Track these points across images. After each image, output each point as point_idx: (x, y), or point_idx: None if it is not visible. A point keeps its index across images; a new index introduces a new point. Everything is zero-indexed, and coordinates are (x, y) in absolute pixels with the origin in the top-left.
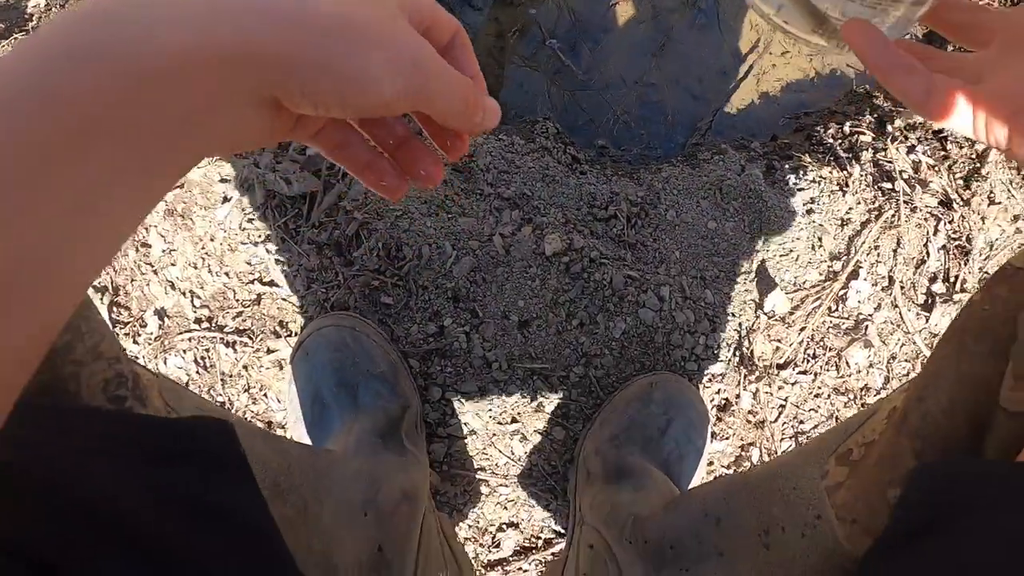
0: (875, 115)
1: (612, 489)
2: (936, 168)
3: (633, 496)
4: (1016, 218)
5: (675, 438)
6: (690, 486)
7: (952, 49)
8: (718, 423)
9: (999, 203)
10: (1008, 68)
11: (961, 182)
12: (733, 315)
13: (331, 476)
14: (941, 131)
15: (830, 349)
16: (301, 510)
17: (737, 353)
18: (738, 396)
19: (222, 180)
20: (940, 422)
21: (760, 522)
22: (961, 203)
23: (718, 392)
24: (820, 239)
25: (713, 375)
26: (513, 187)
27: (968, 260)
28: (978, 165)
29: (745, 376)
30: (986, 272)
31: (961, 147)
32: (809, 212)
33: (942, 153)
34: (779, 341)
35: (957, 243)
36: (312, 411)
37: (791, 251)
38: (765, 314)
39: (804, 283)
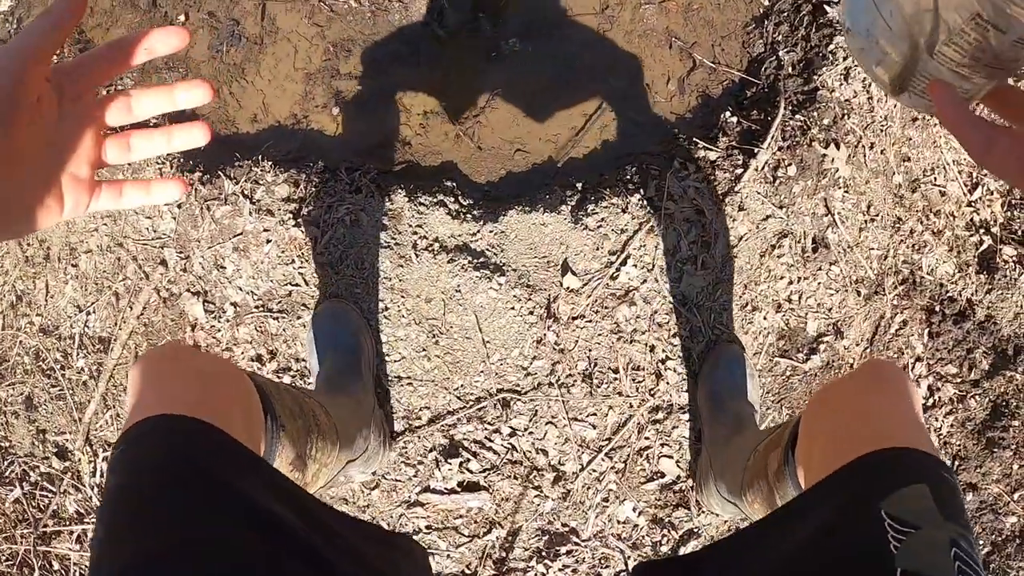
0: (671, 154)
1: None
2: (700, 189)
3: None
4: (767, 217)
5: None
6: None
7: None
8: (537, 348)
9: (746, 210)
10: None
11: (719, 196)
12: (545, 289)
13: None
14: (715, 162)
15: (606, 307)
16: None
17: (547, 310)
18: (545, 335)
19: (266, 230)
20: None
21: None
22: (716, 211)
23: (534, 333)
24: (603, 243)
25: (532, 323)
26: (425, 228)
27: (710, 249)
28: (734, 185)
29: (551, 324)
30: (733, 256)
31: (725, 172)
32: (599, 227)
33: (711, 177)
34: (574, 304)
35: (703, 239)
36: (318, 346)
37: (582, 251)
38: (564, 288)
39: (591, 269)
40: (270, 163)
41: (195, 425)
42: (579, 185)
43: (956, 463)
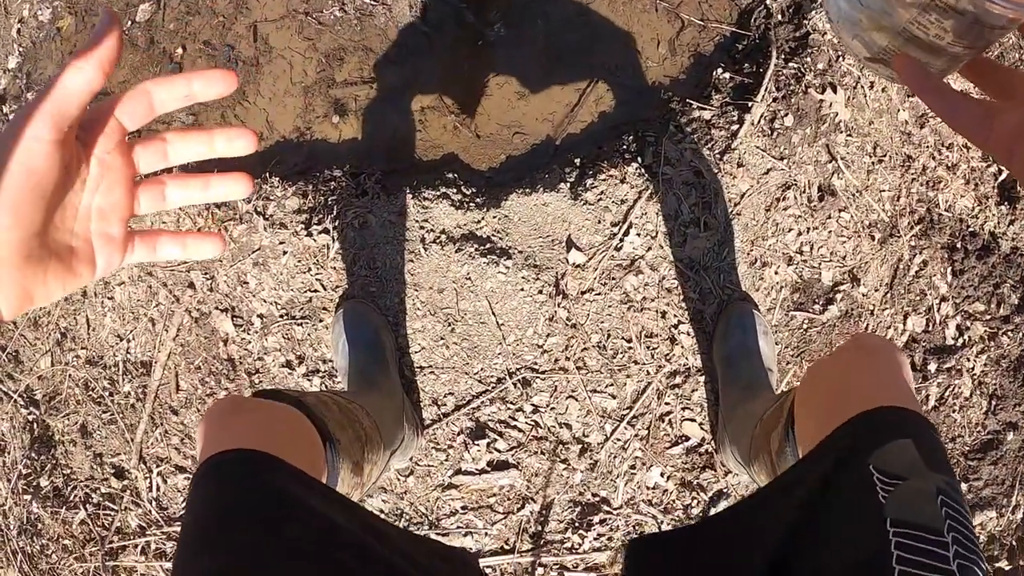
0: (665, 119)
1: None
2: (697, 151)
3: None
4: (768, 171)
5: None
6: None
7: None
8: (550, 325)
9: (745, 165)
10: (1018, 111)
11: (717, 155)
12: (552, 268)
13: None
14: (710, 121)
15: (613, 279)
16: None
17: (555, 288)
18: (557, 312)
19: (281, 243)
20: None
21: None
22: (715, 171)
23: (545, 311)
24: (604, 216)
25: (542, 302)
26: (431, 222)
27: (712, 210)
28: (731, 142)
29: (560, 301)
30: (737, 214)
31: (720, 130)
32: (598, 200)
33: (707, 137)
34: (582, 279)
35: (704, 200)
36: (341, 346)
37: (584, 226)
38: (570, 265)
39: (594, 243)
40: (278, 179)
41: (261, 456)
42: (577, 161)
43: (993, 403)
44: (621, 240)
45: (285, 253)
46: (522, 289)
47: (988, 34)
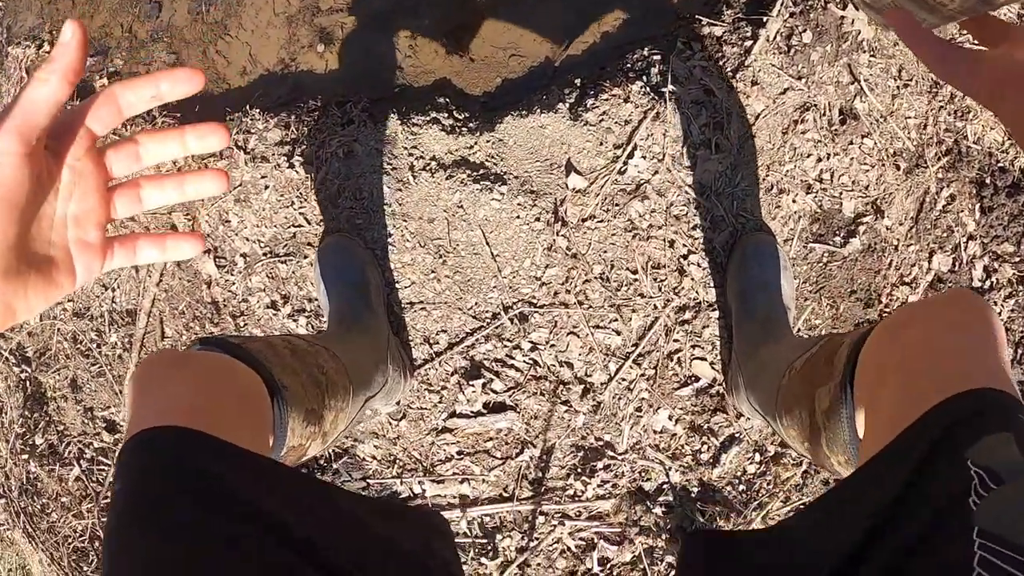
0: (672, 35)
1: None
2: (707, 68)
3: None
4: (785, 90)
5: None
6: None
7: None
8: (548, 256)
9: (760, 84)
10: (1007, 56)
11: (730, 73)
12: (550, 193)
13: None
14: (721, 37)
15: (617, 204)
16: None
17: (554, 215)
18: (556, 241)
19: (263, 177)
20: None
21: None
22: (728, 89)
23: (543, 241)
24: (606, 137)
25: (539, 231)
26: (420, 148)
27: (724, 131)
28: (744, 59)
29: (560, 229)
30: (751, 136)
31: (733, 47)
32: (600, 121)
33: (719, 54)
34: (583, 205)
35: (716, 120)
36: (325, 283)
37: (584, 149)
38: (570, 190)
39: (596, 166)
40: (259, 111)
41: (187, 434)
42: (578, 81)
43: (1019, 352)
44: (625, 163)
45: (267, 187)
46: (518, 217)
47: (987, 6)
